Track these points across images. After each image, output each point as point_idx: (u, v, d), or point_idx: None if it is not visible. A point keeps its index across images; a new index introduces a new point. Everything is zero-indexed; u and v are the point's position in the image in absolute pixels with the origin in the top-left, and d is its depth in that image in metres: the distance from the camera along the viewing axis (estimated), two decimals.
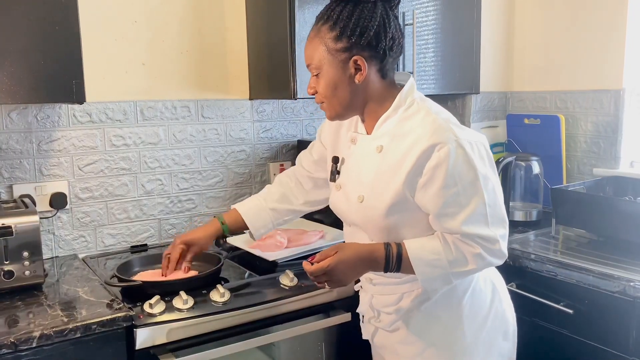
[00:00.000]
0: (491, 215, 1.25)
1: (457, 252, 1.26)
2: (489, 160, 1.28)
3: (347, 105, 1.34)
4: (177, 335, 1.49)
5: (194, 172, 2.19)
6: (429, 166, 1.23)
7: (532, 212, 2.24)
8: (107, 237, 2.05)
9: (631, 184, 2.16)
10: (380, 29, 1.27)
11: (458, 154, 1.22)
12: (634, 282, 1.55)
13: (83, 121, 1.96)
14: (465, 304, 1.36)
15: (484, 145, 1.29)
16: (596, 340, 1.64)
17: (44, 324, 1.37)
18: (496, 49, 2.60)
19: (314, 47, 1.31)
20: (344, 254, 1.29)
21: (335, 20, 1.28)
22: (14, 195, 1.86)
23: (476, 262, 1.26)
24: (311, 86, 1.36)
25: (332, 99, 1.33)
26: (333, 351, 1.77)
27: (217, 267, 1.70)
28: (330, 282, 1.30)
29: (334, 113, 1.36)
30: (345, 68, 1.29)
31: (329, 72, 1.30)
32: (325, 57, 1.30)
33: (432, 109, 1.31)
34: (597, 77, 2.32)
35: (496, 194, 1.27)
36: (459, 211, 1.23)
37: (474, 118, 2.55)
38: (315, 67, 1.32)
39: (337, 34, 1.27)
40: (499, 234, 1.26)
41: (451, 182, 1.22)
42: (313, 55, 1.32)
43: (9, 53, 1.51)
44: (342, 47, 1.28)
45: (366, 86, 1.31)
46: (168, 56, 2.09)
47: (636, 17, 2.21)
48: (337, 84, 1.31)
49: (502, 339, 1.43)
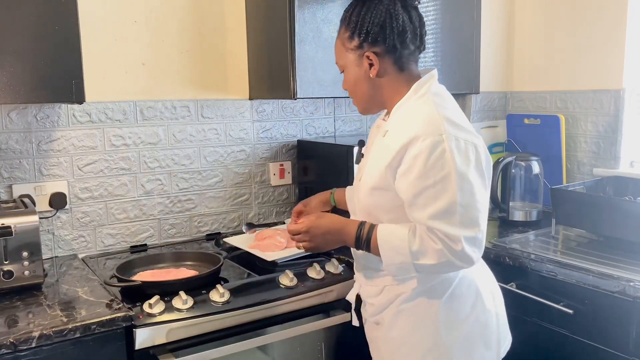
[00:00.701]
0: (462, 215, 1.24)
1: (421, 244, 1.27)
2: (477, 163, 1.27)
3: (369, 99, 1.42)
4: (177, 335, 1.49)
5: (194, 172, 2.19)
6: (409, 155, 1.25)
7: (532, 212, 2.24)
8: (107, 237, 2.05)
9: (631, 184, 2.16)
10: (385, 24, 1.32)
11: (438, 148, 1.23)
12: (634, 282, 1.55)
13: (83, 121, 1.96)
14: (443, 306, 1.35)
15: (476, 147, 1.28)
16: (596, 340, 1.64)
17: (43, 324, 1.37)
18: (496, 49, 2.60)
19: (337, 48, 1.43)
20: (319, 221, 1.41)
21: (348, 21, 1.38)
22: (14, 195, 1.86)
23: (437, 257, 1.26)
24: (343, 83, 1.46)
25: (356, 95, 1.44)
26: (333, 351, 1.77)
27: (217, 267, 1.70)
28: (303, 243, 1.43)
29: (361, 108, 1.46)
30: (361, 64, 1.38)
31: (350, 69, 1.40)
32: (345, 55, 1.40)
33: (438, 103, 1.32)
34: (597, 77, 2.32)
35: (474, 197, 1.25)
36: (428, 204, 1.24)
37: (474, 118, 2.55)
38: (340, 66, 1.44)
39: (350, 33, 1.37)
40: (464, 235, 1.24)
41: (426, 174, 1.24)
42: (337, 56, 1.43)
43: (9, 53, 1.51)
44: (355, 45, 1.37)
45: (383, 79, 1.38)
46: (168, 56, 2.09)
47: (636, 17, 2.21)
48: (357, 80, 1.40)
49: (482, 347, 1.40)
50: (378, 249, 1.32)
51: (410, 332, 1.38)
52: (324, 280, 1.74)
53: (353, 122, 2.53)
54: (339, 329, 1.74)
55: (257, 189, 2.33)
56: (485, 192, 1.30)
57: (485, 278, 1.45)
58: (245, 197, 2.30)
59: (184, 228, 2.19)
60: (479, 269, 1.45)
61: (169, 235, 2.17)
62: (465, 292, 1.38)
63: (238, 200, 2.29)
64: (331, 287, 1.73)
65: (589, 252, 1.84)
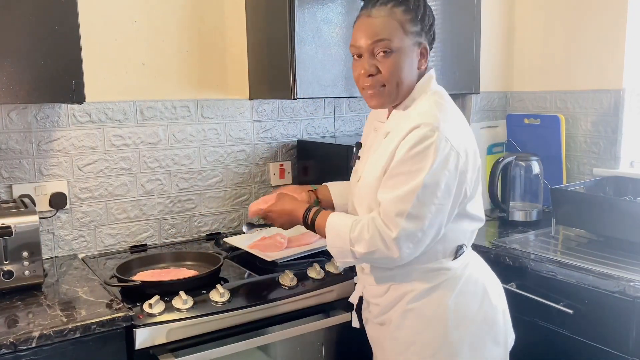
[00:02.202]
0: (413, 206, 1.24)
1: (359, 231, 1.29)
2: (453, 171, 1.26)
3: (401, 90, 1.35)
4: (177, 335, 1.49)
5: (194, 172, 2.19)
6: (402, 143, 1.27)
7: (532, 212, 2.24)
8: (107, 237, 2.05)
9: (631, 184, 2.16)
10: (433, 22, 1.37)
11: (425, 142, 1.24)
12: (634, 282, 1.55)
13: (83, 121, 1.96)
14: (451, 304, 1.36)
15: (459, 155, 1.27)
16: (596, 340, 1.64)
17: (43, 324, 1.37)
18: (496, 49, 2.60)
19: (387, 24, 1.29)
20: (276, 205, 1.53)
21: (411, 6, 1.31)
22: (14, 195, 1.86)
23: (367, 246, 1.28)
24: (371, 65, 1.32)
25: (393, 81, 1.32)
26: (333, 351, 1.77)
27: (217, 267, 1.70)
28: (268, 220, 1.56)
29: (386, 98, 1.35)
30: (415, 51, 1.33)
31: (401, 51, 1.30)
32: (401, 35, 1.30)
33: (437, 101, 1.33)
34: (597, 77, 2.32)
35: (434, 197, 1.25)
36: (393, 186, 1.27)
37: (474, 118, 2.55)
38: (387, 43, 1.29)
39: (413, 17, 1.31)
40: (405, 225, 1.24)
41: (405, 161, 1.25)
42: (385, 32, 1.29)
43: (9, 53, 1.51)
44: (417, 30, 1.32)
45: (418, 75, 1.37)
46: (168, 56, 2.09)
47: (636, 17, 2.21)
48: (405, 66, 1.32)
49: (491, 343, 1.41)
50: (323, 231, 1.39)
51: (419, 331, 1.37)
52: (324, 280, 1.74)
53: (353, 122, 2.53)
54: (339, 329, 1.73)
55: (257, 189, 2.33)
56: (449, 199, 1.28)
57: (489, 276, 1.47)
58: (245, 197, 2.30)
59: (184, 228, 2.19)
60: (483, 268, 1.47)
61: (169, 235, 2.17)
62: (473, 290, 1.39)
63: (238, 200, 2.29)
64: (331, 287, 1.73)
65: (589, 252, 1.84)
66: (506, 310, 1.47)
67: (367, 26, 1.31)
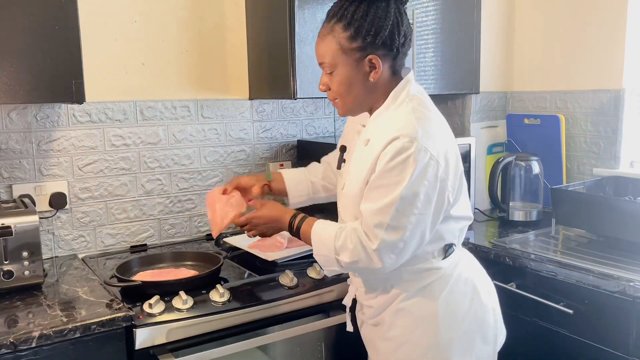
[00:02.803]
0: (392, 218, 1.25)
1: (343, 240, 1.31)
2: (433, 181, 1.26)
3: (361, 102, 1.37)
4: (177, 335, 1.49)
5: (194, 172, 2.19)
6: (382, 154, 1.27)
7: (532, 212, 2.24)
8: (107, 237, 2.05)
9: (631, 184, 2.16)
10: (394, 28, 1.30)
11: (403, 154, 1.24)
12: (634, 282, 1.55)
13: (83, 121, 1.96)
14: (441, 303, 1.37)
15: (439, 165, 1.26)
16: (596, 340, 1.64)
17: (43, 324, 1.37)
18: (496, 49, 2.60)
19: (327, 45, 1.33)
20: (262, 212, 1.51)
21: (349, 20, 1.29)
22: (14, 195, 1.86)
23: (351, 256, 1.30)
24: (324, 83, 1.38)
25: (346, 97, 1.36)
26: (333, 351, 1.77)
27: (217, 267, 1.70)
28: (250, 232, 1.54)
29: (346, 109, 1.40)
30: (360, 66, 1.32)
31: (343, 70, 1.33)
32: (340, 55, 1.31)
33: (415, 108, 1.32)
34: (597, 77, 2.32)
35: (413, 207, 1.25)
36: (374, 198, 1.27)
37: (474, 118, 2.55)
38: (329, 65, 1.34)
39: (351, 33, 1.29)
40: (385, 237, 1.26)
41: (384, 174, 1.26)
42: (326, 54, 1.33)
43: (9, 53, 1.51)
44: (357, 46, 1.30)
45: (378, 83, 1.34)
46: (168, 56, 2.09)
47: (636, 17, 2.21)
48: (352, 82, 1.33)
49: (480, 341, 1.41)
50: (308, 239, 1.40)
51: (410, 331, 1.38)
52: (324, 280, 1.74)
53: None
54: (339, 329, 1.73)
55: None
56: (430, 208, 1.28)
57: (479, 275, 1.47)
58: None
59: (184, 228, 2.19)
60: (473, 266, 1.48)
61: (169, 235, 2.17)
62: (463, 289, 1.40)
63: None
64: (331, 287, 1.73)
65: (589, 252, 1.84)
66: (497, 308, 1.48)
67: (316, 46, 1.37)
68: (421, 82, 2.21)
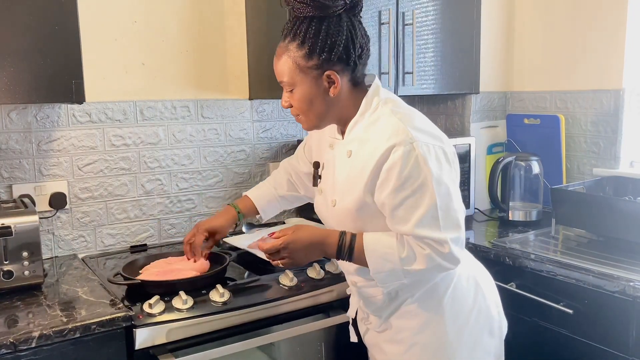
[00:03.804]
0: (443, 219, 1.25)
1: (409, 250, 1.27)
2: (448, 164, 1.28)
3: (323, 116, 1.36)
4: (177, 336, 1.49)
5: (194, 172, 2.19)
6: (384, 168, 1.25)
7: (532, 212, 2.24)
8: (107, 237, 2.05)
9: (631, 184, 2.16)
10: (348, 42, 1.29)
11: (411, 156, 1.23)
12: (634, 282, 1.55)
13: (83, 121, 1.96)
14: (447, 302, 1.37)
15: (443, 149, 1.28)
16: (596, 340, 1.64)
17: (43, 324, 1.37)
18: (496, 49, 2.60)
19: (284, 64, 1.32)
20: (298, 235, 1.33)
21: (303, 39, 1.29)
22: (14, 195, 1.86)
23: (425, 262, 1.26)
24: (285, 100, 1.37)
25: (308, 113, 1.35)
26: (333, 351, 1.77)
27: (223, 267, 1.69)
28: (283, 260, 1.35)
29: (310, 125, 1.39)
30: (319, 83, 1.31)
31: (302, 88, 1.32)
32: (297, 74, 1.31)
33: (394, 110, 1.32)
34: (597, 77, 2.32)
35: (451, 198, 1.27)
36: (410, 213, 1.25)
37: (473, 118, 2.55)
38: (288, 84, 1.34)
39: (306, 52, 1.29)
40: (449, 237, 1.26)
41: (402, 184, 1.24)
42: (284, 73, 1.33)
43: (9, 53, 1.51)
44: (313, 64, 1.29)
45: (340, 97, 1.33)
46: (168, 56, 2.09)
47: (636, 17, 2.21)
48: (312, 99, 1.33)
49: (487, 335, 1.43)
50: (362, 257, 1.30)
51: (418, 332, 1.38)
52: (324, 280, 1.74)
53: None
54: (339, 329, 1.73)
55: None
56: (459, 192, 1.31)
57: (480, 271, 1.49)
58: None
59: (184, 228, 2.19)
60: (472, 261, 1.49)
61: (169, 235, 2.17)
62: (466, 286, 1.41)
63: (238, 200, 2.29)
64: (331, 287, 1.73)
65: (589, 252, 1.84)
66: (498, 300, 1.50)
67: (274, 65, 1.35)
68: (421, 82, 2.21)
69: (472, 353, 1.40)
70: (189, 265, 1.68)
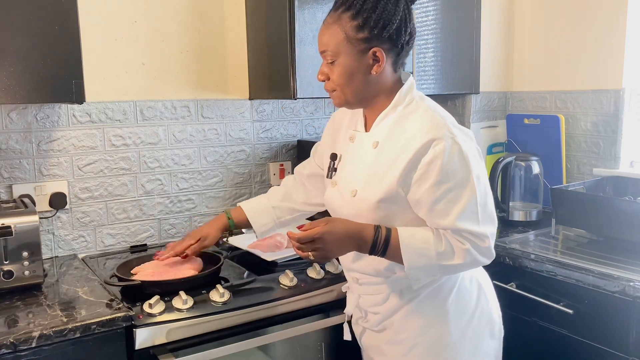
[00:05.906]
0: (482, 214, 1.26)
1: (447, 244, 1.27)
2: (482, 161, 1.32)
3: (359, 94, 1.34)
4: (177, 335, 1.49)
5: (194, 172, 2.19)
6: (424, 161, 1.24)
7: (532, 212, 2.24)
8: (107, 237, 2.05)
9: (631, 184, 2.16)
10: (401, 24, 1.29)
11: (453, 150, 1.24)
12: (634, 282, 1.55)
13: (83, 121, 1.96)
14: (451, 303, 1.37)
15: (477, 147, 1.32)
16: (596, 340, 1.64)
17: (43, 324, 1.37)
18: (496, 49, 2.60)
19: (332, 34, 1.30)
20: (334, 226, 1.28)
21: (358, 10, 1.27)
22: (14, 195, 1.86)
23: (464, 257, 1.27)
24: (323, 72, 1.35)
25: (345, 88, 1.32)
26: (333, 351, 1.77)
27: (217, 267, 1.70)
28: (315, 252, 1.28)
29: (343, 101, 1.36)
30: (363, 58, 1.29)
31: (346, 60, 1.30)
32: (344, 45, 1.28)
33: (431, 107, 1.33)
34: (597, 77, 2.32)
35: (487, 194, 1.30)
36: (451, 207, 1.25)
37: (474, 118, 2.55)
38: (331, 54, 1.31)
39: (359, 23, 1.27)
40: (490, 231, 1.28)
41: (445, 178, 1.24)
42: (330, 42, 1.30)
43: (9, 53, 1.51)
44: (364, 37, 1.27)
45: (379, 78, 1.32)
46: (168, 56, 2.09)
47: (636, 17, 2.21)
48: (354, 73, 1.30)
49: (488, 337, 1.44)
50: (397, 252, 1.27)
51: (422, 332, 1.38)
52: (324, 280, 1.74)
53: None
54: (339, 329, 1.73)
55: (257, 189, 2.33)
56: (489, 187, 1.33)
57: (481, 272, 1.49)
58: (245, 197, 2.30)
59: (184, 228, 2.19)
60: None
61: (169, 235, 2.17)
62: (469, 287, 1.41)
63: (238, 200, 2.29)
64: (331, 287, 1.73)
65: (589, 252, 1.84)
66: (497, 303, 1.50)
67: (320, 34, 1.33)
68: (421, 82, 2.21)
69: (474, 355, 1.40)
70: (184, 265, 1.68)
